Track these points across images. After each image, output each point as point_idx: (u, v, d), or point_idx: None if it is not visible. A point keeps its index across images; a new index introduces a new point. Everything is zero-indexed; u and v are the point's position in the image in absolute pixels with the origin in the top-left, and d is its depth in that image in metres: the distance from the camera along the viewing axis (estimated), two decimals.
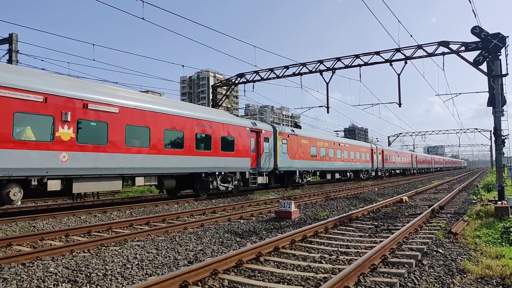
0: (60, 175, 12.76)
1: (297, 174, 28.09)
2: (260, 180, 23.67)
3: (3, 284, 5.64)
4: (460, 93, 28.74)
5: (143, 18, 16.47)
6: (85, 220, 12.69)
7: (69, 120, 12.80)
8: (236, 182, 21.44)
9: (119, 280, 5.88)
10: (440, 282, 5.68)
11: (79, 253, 7.76)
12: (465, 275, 6.03)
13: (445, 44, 21.31)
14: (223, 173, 20.25)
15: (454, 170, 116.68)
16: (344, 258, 7.09)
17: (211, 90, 33.48)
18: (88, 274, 6.12)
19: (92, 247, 8.20)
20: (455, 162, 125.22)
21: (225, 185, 20.73)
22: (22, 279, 5.88)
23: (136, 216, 13.44)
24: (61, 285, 5.62)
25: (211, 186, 19.57)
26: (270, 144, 24.72)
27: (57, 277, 6.00)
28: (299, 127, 36.36)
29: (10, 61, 21.06)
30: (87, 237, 9.74)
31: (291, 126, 32.07)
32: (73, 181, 13.20)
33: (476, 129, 78.40)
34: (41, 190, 12.69)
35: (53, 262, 6.93)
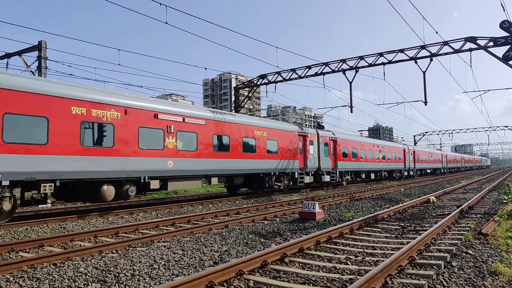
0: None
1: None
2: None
3: (36, 284, 5.83)
4: (489, 90, 27.81)
5: (166, 23, 16.72)
6: (112, 221, 12.96)
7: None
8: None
9: (146, 280, 5.99)
10: (470, 285, 5.54)
11: (108, 253, 7.94)
12: (496, 277, 5.86)
13: (472, 39, 20.77)
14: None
15: (484, 169, 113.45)
16: (370, 259, 7.01)
17: (233, 92, 33.64)
18: (117, 274, 6.25)
19: (120, 248, 8.38)
20: (477, 160, 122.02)
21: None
22: (54, 278, 6.07)
23: (162, 217, 13.63)
24: (91, 285, 5.76)
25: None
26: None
27: (87, 277, 6.16)
28: (322, 127, 36.13)
29: (39, 67, 21.72)
30: (115, 238, 9.95)
31: (314, 126, 32.06)
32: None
33: (506, 126, 75.87)
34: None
35: (83, 262, 7.11)
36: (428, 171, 59.81)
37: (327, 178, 28.31)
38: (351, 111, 25.84)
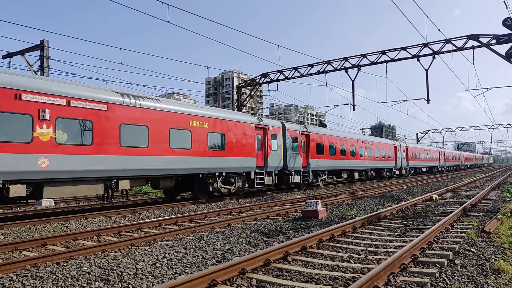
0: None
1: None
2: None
3: (39, 283, 5.85)
4: (492, 88, 27.86)
5: (168, 21, 16.74)
6: (115, 220, 12.99)
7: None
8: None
9: (149, 279, 6.00)
10: (473, 282, 5.53)
11: (111, 252, 7.96)
12: (499, 275, 5.85)
13: (475, 37, 20.70)
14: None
15: (486, 167, 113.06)
16: (373, 257, 7.00)
17: (235, 90, 33.64)
18: (120, 273, 6.27)
19: (123, 247, 8.40)
20: (478, 158, 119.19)
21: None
22: (57, 277, 6.09)
23: (165, 216, 13.66)
24: (94, 284, 5.78)
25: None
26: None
27: (90, 276, 6.18)
28: (325, 125, 36.08)
29: (41, 66, 21.77)
30: (118, 237, 9.97)
31: (316, 125, 31.65)
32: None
33: (509, 124, 75.60)
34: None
35: (86, 261, 7.14)
36: (424, 169, 56.34)
37: (296, 178, 24.50)
38: (354, 109, 25.81)
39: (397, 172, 43.63)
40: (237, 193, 20.52)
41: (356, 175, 33.55)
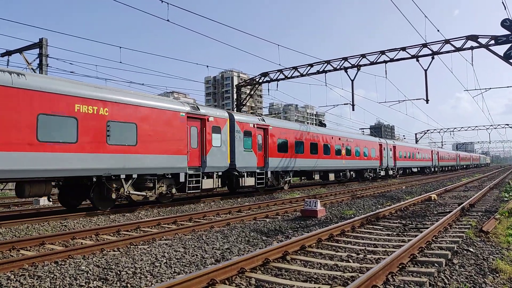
0: None
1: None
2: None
3: (37, 282, 5.84)
4: (490, 88, 27.93)
5: (168, 20, 16.72)
6: (114, 219, 12.98)
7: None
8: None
9: (148, 278, 6.00)
10: (471, 282, 5.54)
11: (109, 251, 7.95)
12: (497, 275, 5.85)
13: (473, 38, 20.73)
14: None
15: (484, 168, 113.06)
16: (371, 257, 7.01)
17: (235, 89, 33.64)
18: (118, 272, 6.26)
19: (121, 246, 8.39)
20: (475, 158, 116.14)
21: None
22: (55, 277, 6.08)
23: (164, 215, 13.65)
24: (93, 283, 5.77)
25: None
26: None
27: (89, 275, 6.17)
28: (324, 125, 36.06)
29: (40, 65, 21.74)
30: (117, 236, 9.96)
31: (316, 124, 31.33)
32: None
33: (507, 124, 75.70)
34: None
35: (84, 260, 7.12)
36: (414, 170, 52.26)
37: (249, 181, 20.34)
38: (353, 109, 25.90)
39: (382, 173, 39.57)
40: (161, 200, 16.58)
41: (332, 176, 29.27)
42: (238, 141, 19.79)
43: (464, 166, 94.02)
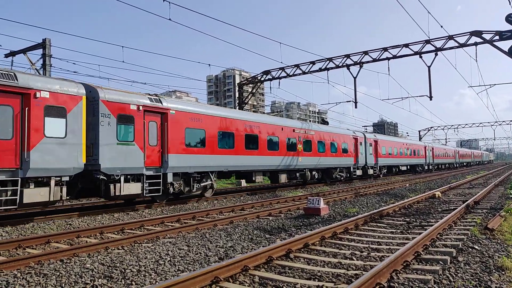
0: None
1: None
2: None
3: (43, 280, 5.87)
4: (495, 84, 27.64)
5: (170, 19, 16.70)
6: (118, 217, 13.02)
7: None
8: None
9: (152, 276, 6.02)
10: (477, 279, 5.52)
11: (114, 249, 7.98)
12: (503, 272, 5.83)
13: (477, 33, 20.60)
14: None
15: (488, 165, 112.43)
16: (375, 254, 7.00)
17: (237, 88, 33.63)
18: (123, 270, 6.28)
19: (125, 244, 8.42)
20: (476, 155, 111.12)
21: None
22: (61, 275, 6.10)
23: (167, 214, 13.68)
24: (98, 281, 5.79)
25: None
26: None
27: (94, 273, 6.19)
28: (326, 123, 36.08)
29: (44, 65, 21.80)
30: (121, 234, 10.00)
31: (318, 122, 32.14)
32: None
33: None
34: None
35: (89, 258, 7.15)
36: (403, 168, 45.25)
37: (131, 187, 14.14)
38: (356, 107, 25.80)
39: (358, 172, 32.95)
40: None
41: (283, 178, 23.13)
42: (107, 130, 13.50)
43: (465, 164, 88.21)
